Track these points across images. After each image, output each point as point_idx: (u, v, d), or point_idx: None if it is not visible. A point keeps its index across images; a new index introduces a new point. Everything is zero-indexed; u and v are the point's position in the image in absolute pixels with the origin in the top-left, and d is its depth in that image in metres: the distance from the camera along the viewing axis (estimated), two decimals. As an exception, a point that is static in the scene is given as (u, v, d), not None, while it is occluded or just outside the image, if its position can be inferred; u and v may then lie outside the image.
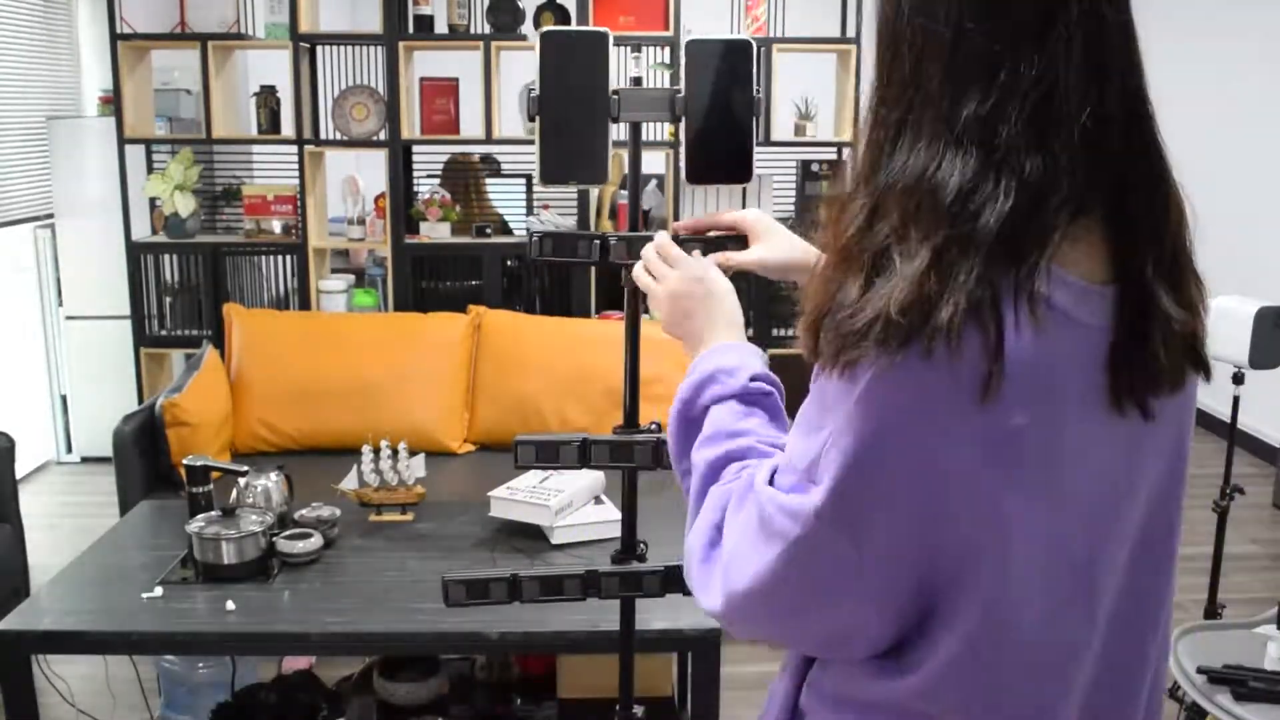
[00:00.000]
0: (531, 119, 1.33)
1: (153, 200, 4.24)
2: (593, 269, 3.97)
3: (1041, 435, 0.83)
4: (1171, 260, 0.88)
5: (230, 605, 2.15)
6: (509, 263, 4.22)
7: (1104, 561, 0.91)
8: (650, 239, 1.24)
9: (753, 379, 1.09)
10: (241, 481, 2.49)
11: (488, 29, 3.99)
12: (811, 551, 0.87)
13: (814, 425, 0.87)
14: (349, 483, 2.73)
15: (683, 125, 1.33)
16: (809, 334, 0.88)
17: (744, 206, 4.12)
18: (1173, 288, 0.87)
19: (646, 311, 1.38)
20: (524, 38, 3.98)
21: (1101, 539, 0.90)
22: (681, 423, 1.11)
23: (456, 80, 4.16)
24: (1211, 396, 5.61)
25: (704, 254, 1.24)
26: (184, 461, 2.44)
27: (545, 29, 1.30)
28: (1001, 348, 0.79)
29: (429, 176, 4.69)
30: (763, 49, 4.13)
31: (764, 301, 4.14)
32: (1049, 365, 0.82)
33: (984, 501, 0.84)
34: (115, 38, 3.99)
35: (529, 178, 4.84)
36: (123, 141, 4.08)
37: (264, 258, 4.28)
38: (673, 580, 1.42)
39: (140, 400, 4.08)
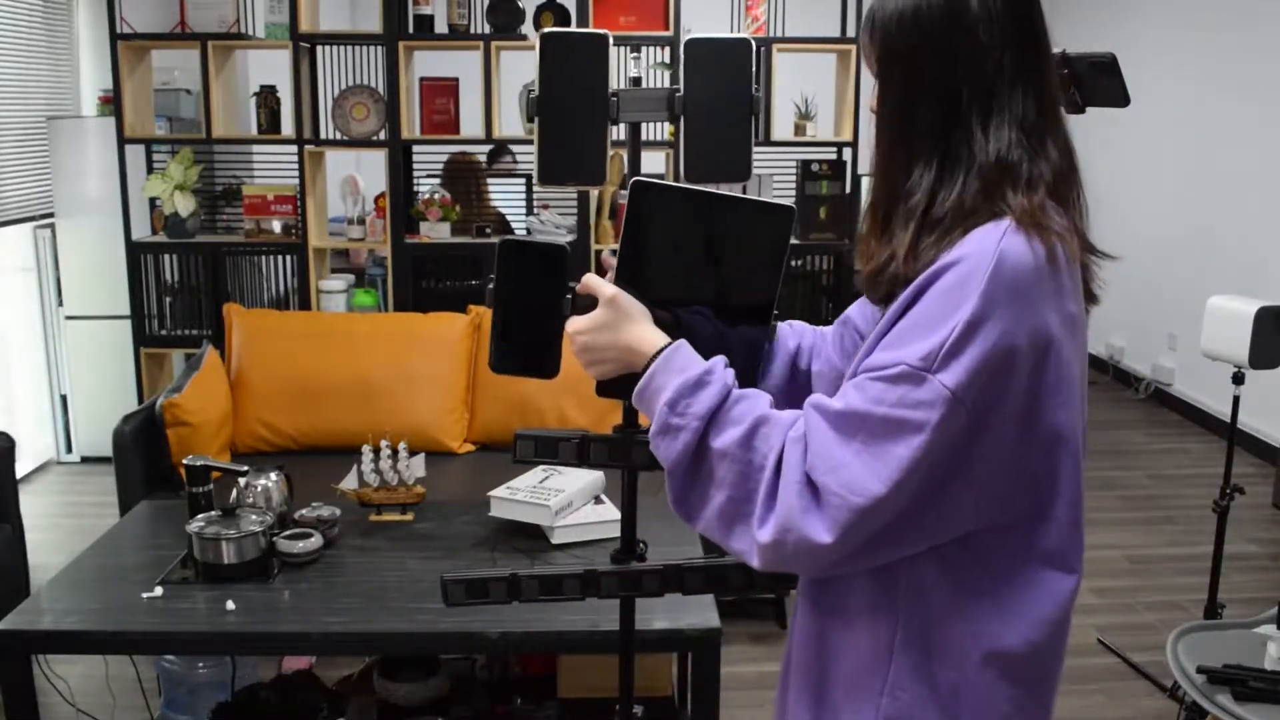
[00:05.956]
0: (531, 120, 1.33)
1: (153, 200, 4.24)
2: (593, 264, 3.97)
3: (1080, 327, 1.12)
4: None
5: (230, 605, 2.15)
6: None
7: None
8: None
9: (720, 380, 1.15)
10: (241, 481, 2.49)
11: (488, 29, 3.99)
12: (942, 436, 1.02)
13: (926, 327, 1.03)
14: (349, 483, 2.73)
15: (681, 124, 1.33)
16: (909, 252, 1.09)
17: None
18: None
19: None
20: (524, 38, 3.98)
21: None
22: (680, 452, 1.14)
23: (456, 80, 4.16)
24: (1211, 396, 5.62)
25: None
26: (184, 461, 2.44)
27: (545, 30, 1.30)
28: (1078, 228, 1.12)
29: (429, 176, 4.68)
30: (763, 49, 4.13)
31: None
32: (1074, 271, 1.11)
33: (1068, 382, 1.08)
34: (115, 38, 3.99)
35: (529, 178, 4.84)
36: (123, 141, 4.07)
37: (264, 258, 4.27)
38: (672, 580, 1.42)
39: (140, 400, 4.08)
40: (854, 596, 1.16)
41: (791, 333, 1.39)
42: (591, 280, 1.24)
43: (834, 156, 4.28)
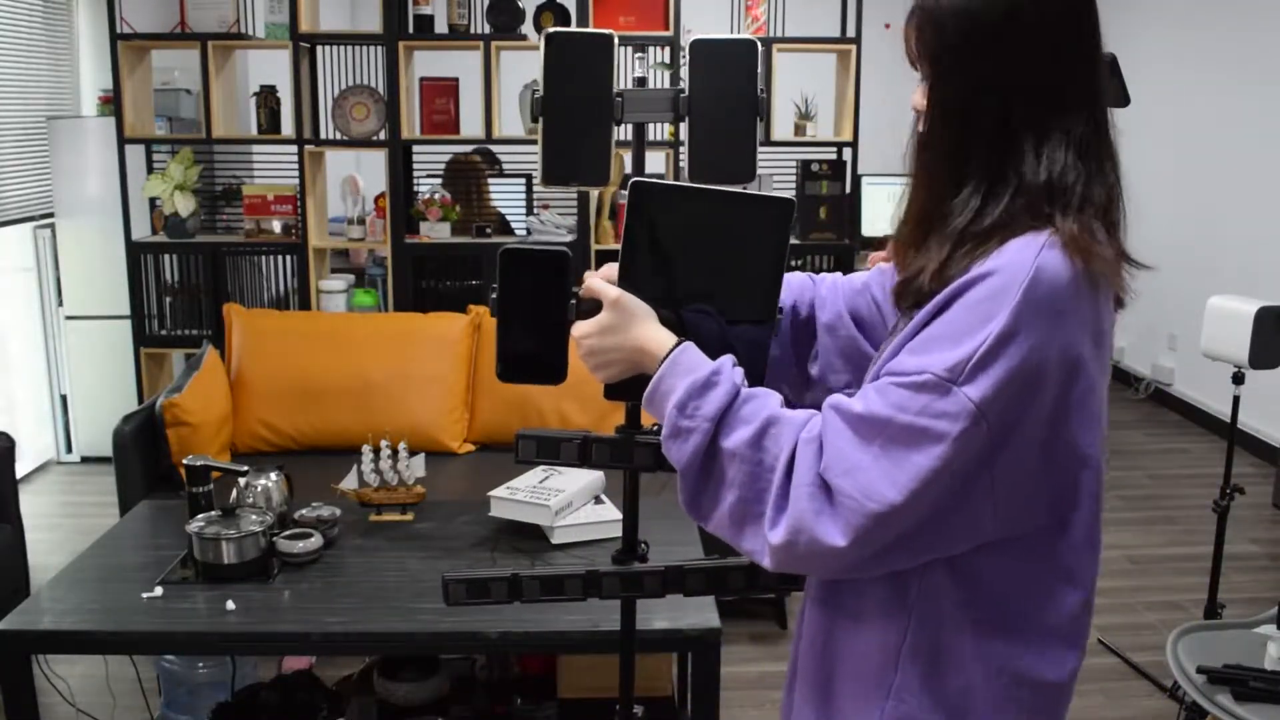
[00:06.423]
0: (535, 120, 1.33)
1: (153, 200, 4.24)
2: (593, 264, 3.96)
3: (1108, 343, 1.09)
4: None
5: (230, 605, 2.14)
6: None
7: None
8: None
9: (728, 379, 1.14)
10: (241, 481, 2.49)
11: (488, 29, 3.99)
12: (964, 448, 1.00)
13: (955, 337, 1.01)
14: (349, 483, 2.73)
15: (685, 125, 1.33)
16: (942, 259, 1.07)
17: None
18: None
19: None
20: (524, 38, 3.98)
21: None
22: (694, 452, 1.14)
23: (456, 80, 4.17)
24: (1211, 396, 5.62)
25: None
26: (184, 461, 2.44)
27: (550, 30, 1.30)
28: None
29: (429, 176, 4.68)
30: (763, 49, 4.13)
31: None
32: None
33: (1093, 401, 1.06)
34: (115, 38, 3.99)
35: (529, 178, 4.84)
36: (123, 141, 4.08)
37: (264, 258, 4.27)
38: (673, 581, 1.42)
39: (140, 400, 4.08)
40: (864, 600, 1.16)
41: (785, 292, 1.35)
42: (594, 283, 1.23)
43: (834, 156, 4.28)
